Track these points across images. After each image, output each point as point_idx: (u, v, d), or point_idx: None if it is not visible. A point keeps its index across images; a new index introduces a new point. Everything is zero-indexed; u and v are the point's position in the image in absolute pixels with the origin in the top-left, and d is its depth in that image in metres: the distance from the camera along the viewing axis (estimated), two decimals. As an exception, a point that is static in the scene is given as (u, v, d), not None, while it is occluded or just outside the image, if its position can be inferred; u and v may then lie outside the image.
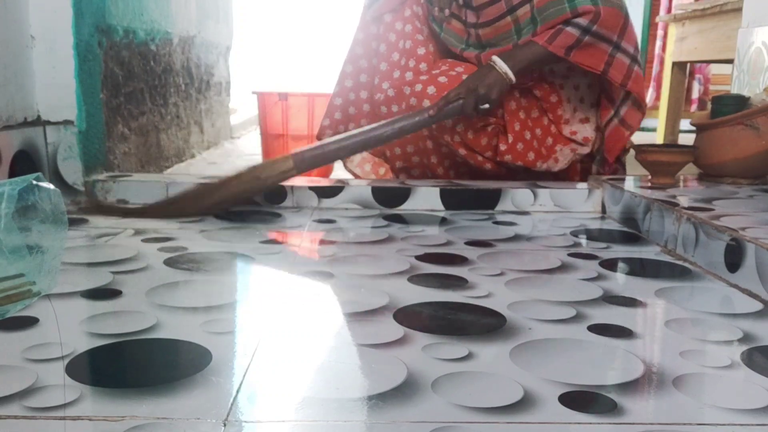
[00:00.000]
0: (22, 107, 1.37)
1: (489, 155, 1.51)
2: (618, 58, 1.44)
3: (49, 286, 0.76)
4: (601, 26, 1.40)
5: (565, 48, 1.40)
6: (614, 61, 1.44)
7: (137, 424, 0.52)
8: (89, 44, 1.47)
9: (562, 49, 1.40)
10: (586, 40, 1.40)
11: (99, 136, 1.51)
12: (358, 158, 1.73)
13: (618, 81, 1.45)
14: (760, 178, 1.47)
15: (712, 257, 0.99)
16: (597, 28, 1.39)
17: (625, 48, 1.44)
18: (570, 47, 1.40)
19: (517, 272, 0.97)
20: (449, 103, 1.39)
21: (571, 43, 1.39)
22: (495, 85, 1.39)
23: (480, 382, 0.61)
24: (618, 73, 1.45)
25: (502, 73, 1.39)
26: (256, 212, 1.36)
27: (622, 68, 1.45)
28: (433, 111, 1.39)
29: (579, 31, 1.39)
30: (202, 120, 2.58)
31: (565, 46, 1.40)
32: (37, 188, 0.73)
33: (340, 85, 1.62)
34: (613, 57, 1.43)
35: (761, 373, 0.65)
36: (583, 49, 1.41)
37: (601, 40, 1.41)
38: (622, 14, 1.43)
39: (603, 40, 1.41)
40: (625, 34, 1.44)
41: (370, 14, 1.58)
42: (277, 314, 0.79)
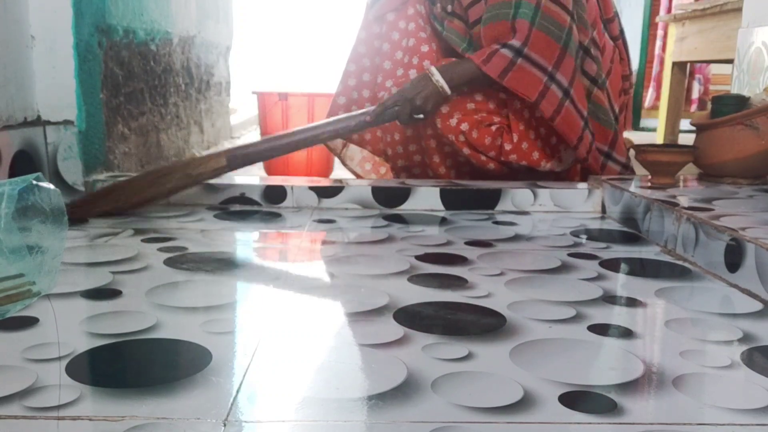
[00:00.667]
0: (22, 107, 1.37)
1: (493, 155, 1.51)
2: (552, 90, 1.41)
3: (49, 286, 0.76)
4: (532, 50, 1.39)
5: (500, 71, 1.39)
6: (548, 92, 1.41)
7: (137, 424, 0.52)
8: (89, 44, 1.47)
9: (497, 71, 1.39)
10: (519, 63, 1.39)
11: (99, 136, 1.51)
12: (358, 158, 1.73)
13: (548, 115, 1.42)
14: (760, 178, 1.47)
15: (712, 257, 0.99)
16: (528, 51, 1.38)
17: (559, 80, 1.42)
18: (504, 70, 1.39)
19: (517, 272, 0.97)
20: (386, 110, 1.41)
21: (505, 65, 1.39)
22: (430, 97, 1.41)
23: (480, 382, 0.61)
24: (549, 106, 1.42)
25: (438, 86, 1.41)
26: (256, 212, 1.36)
27: (554, 101, 1.42)
28: (369, 117, 1.41)
29: (512, 53, 1.39)
30: (202, 120, 2.58)
31: (500, 69, 1.39)
32: (37, 188, 0.73)
33: (343, 84, 1.62)
34: (547, 88, 1.41)
35: (761, 373, 0.65)
36: (517, 73, 1.39)
37: (534, 66, 1.40)
38: (558, 45, 1.41)
39: (536, 67, 1.40)
40: (561, 66, 1.42)
41: (373, 13, 1.59)
42: (277, 314, 0.79)
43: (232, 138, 3.18)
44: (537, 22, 1.39)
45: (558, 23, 1.41)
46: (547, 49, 1.40)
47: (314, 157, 2.05)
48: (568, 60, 1.43)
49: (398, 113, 1.41)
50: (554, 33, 1.40)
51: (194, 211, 1.35)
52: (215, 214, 1.33)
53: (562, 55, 1.42)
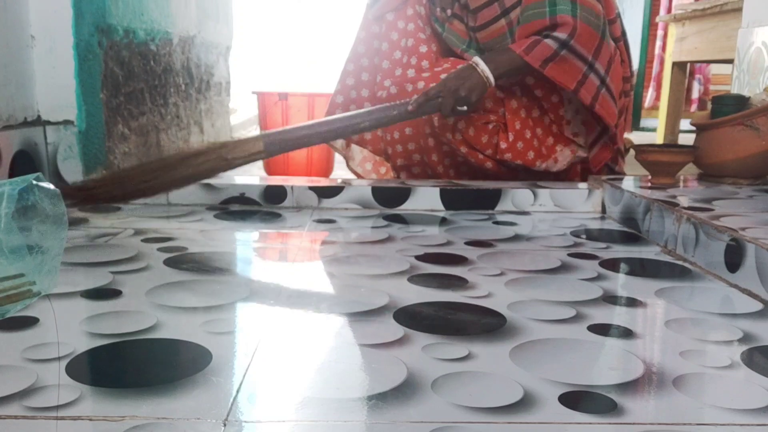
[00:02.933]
0: (22, 107, 1.37)
1: (489, 153, 1.51)
2: (590, 79, 1.43)
3: (49, 286, 0.76)
4: (577, 42, 1.39)
5: (542, 60, 1.39)
6: (586, 80, 1.43)
7: (137, 424, 0.52)
8: (89, 44, 1.47)
9: (538, 60, 1.39)
10: (563, 54, 1.39)
11: (99, 136, 1.51)
12: (359, 157, 1.73)
13: (587, 101, 1.44)
14: (760, 178, 1.47)
15: (712, 257, 0.99)
16: (574, 42, 1.39)
17: (597, 69, 1.44)
18: (546, 60, 1.39)
19: (517, 272, 0.97)
20: (429, 100, 1.39)
21: (548, 55, 1.39)
22: (476, 88, 1.39)
23: (480, 382, 0.61)
24: (588, 94, 1.43)
25: (484, 77, 1.39)
26: (256, 212, 1.36)
27: (592, 89, 1.44)
28: (412, 107, 1.38)
29: (557, 44, 1.39)
30: (202, 120, 2.58)
31: (542, 59, 1.39)
32: (37, 188, 0.73)
33: (342, 83, 1.62)
34: (586, 76, 1.42)
35: (761, 373, 0.65)
36: (558, 64, 1.40)
37: (577, 56, 1.41)
38: (598, 34, 1.42)
39: (578, 57, 1.41)
40: (599, 55, 1.43)
41: (373, 13, 1.59)
42: (277, 314, 0.79)
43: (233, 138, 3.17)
44: (579, 14, 1.40)
45: (595, 13, 1.42)
46: (589, 39, 1.41)
47: (314, 157, 2.05)
48: (606, 48, 1.44)
49: (442, 105, 1.39)
50: (594, 23, 1.41)
51: (194, 211, 1.35)
52: (215, 214, 1.33)
53: (600, 44, 1.43)
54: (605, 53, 1.45)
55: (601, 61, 1.44)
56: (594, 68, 1.43)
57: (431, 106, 1.40)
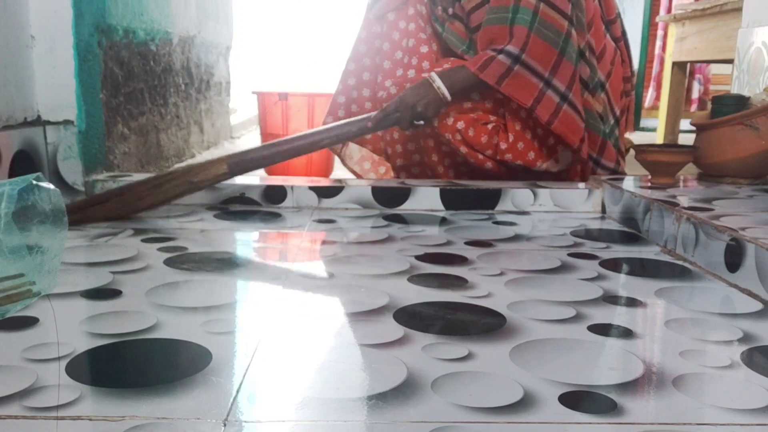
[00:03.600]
0: (22, 107, 1.37)
1: (489, 154, 1.51)
2: (548, 95, 1.42)
3: (49, 286, 0.76)
4: (530, 56, 1.39)
5: (497, 77, 1.39)
6: (543, 97, 1.42)
7: (137, 424, 0.52)
8: (89, 44, 1.47)
9: (493, 78, 1.39)
10: (517, 70, 1.39)
11: (99, 136, 1.51)
12: (357, 156, 1.73)
13: (544, 119, 1.42)
14: (760, 178, 1.47)
15: (712, 257, 0.99)
16: (526, 57, 1.39)
17: (555, 85, 1.42)
18: (501, 76, 1.39)
19: (517, 272, 0.97)
20: (387, 116, 1.41)
21: (502, 71, 1.39)
22: (432, 104, 1.41)
23: (480, 382, 0.61)
24: (545, 111, 1.42)
25: (440, 93, 1.41)
26: (256, 212, 1.36)
27: (550, 106, 1.42)
28: (371, 123, 1.41)
29: (510, 59, 1.39)
30: (202, 120, 2.58)
31: (497, 75, 1.39)
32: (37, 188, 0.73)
33: (343, 83, 1.62)
34: (543, 93, 1.42)
35: (761, 373, 0.65)
36: (513, 80, 1.40)
37: (531, 72, 1.40)
38: (555, 50, 1.41)
39: (533, 73, 1.40)
40: (557, 72, 1.42)
41: (374, 13, 1.59)
42: (277, 314, 0.79)
43: (232, 138, 3.18)
44: (535, 28, 1.40)
45: (556, 29, 1.41)
46: (544, 55, 1.41)
47: (314, 157, 2.05)
48: (566, 65, 1.43)
49: (399, 119, 1.42)
50: (552, 39, 1.41)
51: (194, 211, 1.35)
52: (215, 214, 1.33)
53: (559, 61, 1.42)
54: (565, 69, 1.43)
55: (560, 78, 1.42)
56: (551, 84, 1.42)
57: (389, 121, 1.42)
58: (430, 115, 1.42)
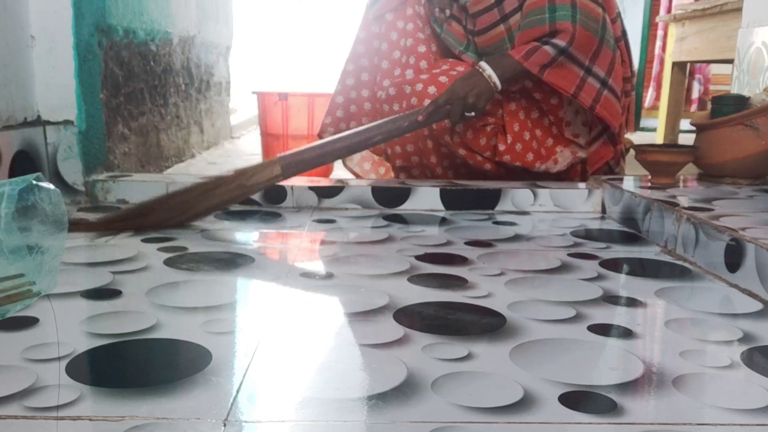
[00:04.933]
0: (22, 107, 1.37)
1: (488, 155, 1.51)
2: (589, 82, 1.44)
3: (49, 286, 0.76)
4: (575, 48, 1.40)
5: (540, 66, 1.40)
6: (585, 84, 1.44)
7: (137, 424, 0.52)
8: (89, 44, 1.47)
9: (537, 66, 1.40)
10: (560, 60, 1.41)
11: (99, 136, 1.51)
12: (357, 157, 1.73)
13: (587, 104, 1.45)
14: (760, 178, 1.47)
15: (712, 257, 0.99)
16: (572, 49, 1.40)
17: (596, 72, 1.45)
18: (544, 65, 1.40)
19: (517, 272, 0.97)
20: (438, 108, 1.39)
21: (546, 61, 1.40)
22: (483, 94, 1.39)
23: (480, 382, 0.61)
24: (588, 97, 1.44)
25: (491, 82, 1.40)
26: (256, 212, 1.36)
27: (592, 92, 1.45)
28: (422, 117, 1.38)
29: (555, 51, 1.40)
30: (202, 120, 2.58)
31: (540, 64, 1.40)
32: (37, 188, 0.73)
33: (342, 83, 1.62)
34: (584, 81, 1.43)
35: (761, 373, 0.65)
36: (556, 69, 1.41)
37: (574, 62, 1.42)
38: (596, 38, 1.42)
39: (575, 63, 1.42)
40: (597, 59, 1.44)
41: (372, 13, 1.59)
42: (277, 314, 0.79)
43: (232, 138, 3.18)
44: (579, 20, 1.40)
45: (594, 17, 1.42)
46: (587, 44, 1.42)
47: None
48: (605, 52, 1.45)
49: (451, 112, 1.39)
50: (592, 27, 1.42)
51: (194, 211, 1.34)
52: (215, 214, 1.33)
53: (599, 48, 1.44)
54: (604, 56, 1.45)
55: (599, 64, 1.45)
56: (592, 72, 1.44)
57: (440, 114, 1.40)
58: (481, 105, 1.40)
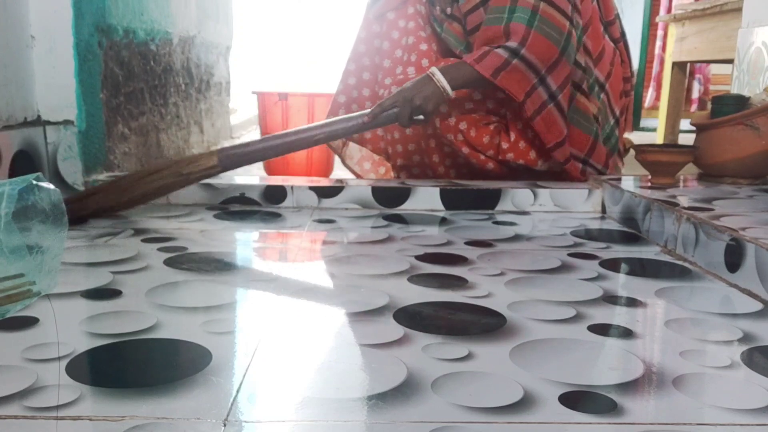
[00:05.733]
0: (22, 107, 1.37)
1: (491, 154, 1.51)
2: (538, 91, 1.41)
3: (49, 286, 0.76)
4: (529, 51, 1.37)
5: (493, 69, 1.37)
6: (534, 92, 1.40)
7: (137, 424, 0.52)
8: (89, 44, 1.47)
9: (489, 70, 1.36)
10: (515, 64, 1.37)
11: (99, 136, 1.51)
12: (357, 156, 1.73)
13: (528, 113, 1.42)
14: (760, 178, 1.47)
15: (712, 257, 0.99)
16: (525, 52, 1.37)
17: (548, 83, 1.41)
18: (497, 69, 1.37)
19: (517, 272, 0.97)
20: (384, 111, 1.37)
21: (498, 64, 1.37)
22: (431, 97, 1.36)
23: (480, 382, 0.61)
24: (531, 106, 1.41)
25: (440, 87, 1.37)
26: (256, 212, 1.36)
27: (537, 102, 1.41)
28: (367, 118, 1.36)
29: (507, 53, 1.37)
30: (202, 120, 2.58)
31: (493, 68, 1.37)
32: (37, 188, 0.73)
33: (344, 83, 1.62)
34: (534, 88, 1.40)
35: (761, 373, 0.65)
36: (509, 73, 1.37)
37: (529, 67, 1.38)
38: (556, 48, 1.39)
39: (530, 68, 1.38)
40: (554, 71, 1.41)
41: (373, 12, 1.59)
42: (277, 314, 0.79)
43: (232, 138, 3.18)
44: (535, 25, 1.38)
45: (557, 27, 1.40)
46: (545, 52, 1.39)
47: (314, 157, 2.05)
48: (563, 66, 1.42)
49: (398, 115, 1.38)
50: (553, 37, 1.39)
51: (194, 211, 1.35)
52: (215, 214, 1.33)
53: (558, 60, 1.41)
54: (562, 69, 1.41)
55: (554, 77, 1.41)
56: (545, 82, 1.40)
57: (388, 117, 1.38)
58: (429, 109, 1.37)
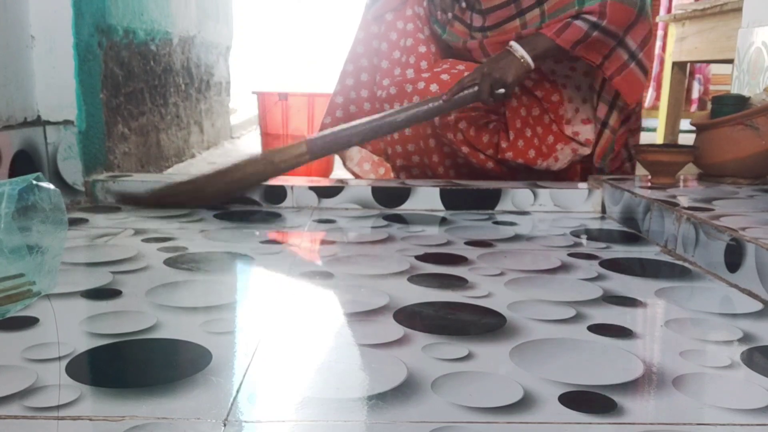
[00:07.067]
0: (22, 107, 1.37)
1: (491, 153, 1.51)
2: (617, 52, 1.41)
3: (49, 286, 0.76)
4: (610, 23, 1.37)
5: (573, 42, 1.37)
6: (613, 54, 1.41)
7: (137, 424, 0.52)
8: (89, 44, 1.47)
9: (569, 42, 1.37)
10: (595, 36, 1.37)
11: (99, 136, 1.51)
12: (357, 157, 1.73)
13: (608, 73, 1.42)
14: (760, 178, 1.47)
15: (712, 257, 0.99)
16: (606, 24, 1.36)
17: (627, 43, 1.41)
18: (578, 41, 1.37)
19: (517, 272, 0.97)
20: (463, 89, 1.35)
21: (579, 37, 1.37)
22: (510, 67, 1.35)
23: (480, 382, 0.61)
24: (612, 66, 1.42)
25: (519, 58, 1.36)
26: (256, 212, 1.36)
27: (618, 62, 1.42)
28: (446, 96, 1.35)
29: (587, 25, 1.36)
30: (202, 120, 2.58)
31: (573, 40, 1.37)
32: (37, 188, 0.73)
33: (342, 83, 1.62)
34: (613, 51, 1.41)
35: (761, 373, 0.65)
36: (589, 44, 1.38)
37: (609, 35, 1.39)
38: (634, 10, 1.38)
39: (610, 35, 1.39)
40: (632, 30, 1.40)
41: (372, 13, 1.59)
42: (277, 314, 0.79)
43: (232, 138, 3.18)
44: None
45: None
46: (623, 17, 1.37)
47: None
48: (642, 24, 1.41)
49: (479, 91, 1.35)
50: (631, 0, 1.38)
51: (194, 211, 1.35)
52: (215, 214, 1.33)
53: (636, 20, 1.40)
54: (641, 28, 1.41)
55: (633, 36, 1.40)
56: (623, 43, 1.40)
57: (468, 95, 1.36)
58: (510, 81, 1.35)
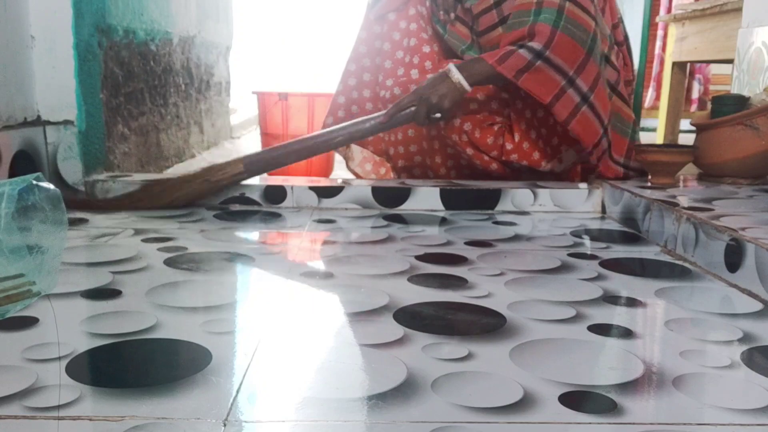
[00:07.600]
0: (22, 107, 1.37)
1: (495, 155, 1.51)
2: (568, 94, 1.37)
3: (49, 286, 0.76)
4: (555, 53, 1.34)
5: (516, 71, 1.34)
6: (564, 95, 1.36)
7: (137, 424, 0.52)
8: (89, 44, 1.47)
9: (512, 71, 1.34)
10: (538, 65, 1.34)
11: (99, 136, 1.51)
12: (359, 158, 1.73)
13: (561, 118, 1.38)
14: (760, 178, 1.47)
15: (712, 257, 0.99)
16: (550, 54, 1.33)
17: (578, 85, 1.37)
18: (520, 70, 1.34)
19: (517, 272, 0.97)
20: (401, 110, 1.37)
21: (521, 65, 1.34)
22: (448, 94, 1.35)
23: (480, 382, 0.61)
24: (564, 110, 1.37)
25: (456, 83, 1.35)
26: (256, 212, 1.36)
27: (570, 105, 1.37)
28: (384, 118, 1.37)
29: (531, 54, 1.34)
30: (202, 120, 2.58)
31: (516, 69, 1.34)
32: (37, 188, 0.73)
33: (344, 83, 1.62)
34: (563, 91, 1.36)
35: (761, 373, 0.65)
36: (533, 75, 1.34)
37: (554, 69, 1.35)
38: (582, 49, 1.36)
39: (556, 70, 1.35)
40: (582, 71, 1.37)
41: (374, 13, 1.58)
42: (277, 314, 0.79)
43: (232, 138, 3.18)
44: (561, 26, 1.34)
45: (583, 27, 1.36)
46: (572, 53, 1.35)
47: (314, 158, 2.05)
48: (591, 66, 1.38)
49: (415, 113, 1.36)
50: (579, 37, 1.36)
51: (194, 211, 1.35)
52: (215, 214, 1.33)
53: (585, 61, 1.37)
54: (590, 70, 1.38)
55: (584, 78, 1.37)
56: (574, 83, 1.37)
57: (404, 117, 1.38)
58: (447, 107, 1.35)
